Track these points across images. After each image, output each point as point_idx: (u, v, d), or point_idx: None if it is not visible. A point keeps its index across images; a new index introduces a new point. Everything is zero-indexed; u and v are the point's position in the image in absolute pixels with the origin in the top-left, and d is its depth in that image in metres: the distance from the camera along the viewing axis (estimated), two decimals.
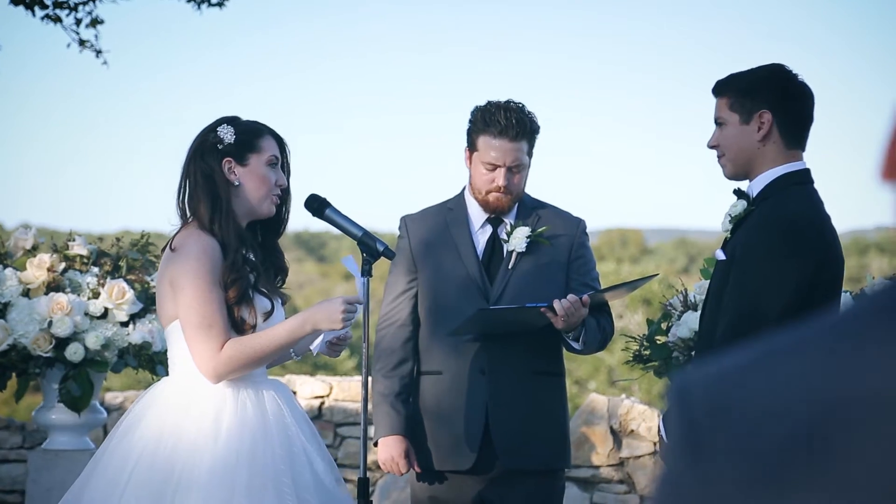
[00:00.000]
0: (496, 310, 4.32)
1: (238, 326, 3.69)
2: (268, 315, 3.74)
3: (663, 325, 4.77)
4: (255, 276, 3.75)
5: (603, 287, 4.51)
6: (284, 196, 3.89)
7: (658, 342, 4.74)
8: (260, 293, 3.74)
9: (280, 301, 3.86)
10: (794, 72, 3.68)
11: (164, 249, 3.85)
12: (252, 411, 3.68)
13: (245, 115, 3.91)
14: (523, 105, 4.46)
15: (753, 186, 3.65)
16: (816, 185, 3.68)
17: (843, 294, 4.52)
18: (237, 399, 3.69)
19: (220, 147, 3.77)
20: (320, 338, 3.77)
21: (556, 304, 4.18)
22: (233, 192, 3.76)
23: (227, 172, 3.76)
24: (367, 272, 3.88)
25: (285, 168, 3.89)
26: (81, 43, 7.59)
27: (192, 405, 3.66)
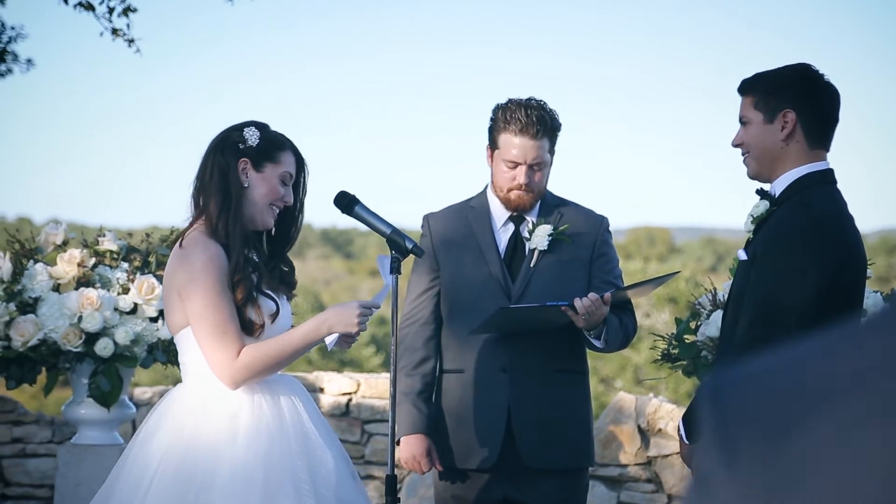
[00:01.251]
0: (517, 308, 4.31)
1: (248, 328, 3.70)
2: (274, 317, 3.75)
3: (692, 325, 4.76)
4: (258, 277, 3.76)
5: (625, 285, 4.49)
6: (294, 215, 3.90)
7: (687, 341, 4.73)
8: (264, 294, 3.75)
9: (285, 299, 3.87)
10: (820, 72, 3.66)
11: (172, 245, 3.86)
12: (268, 411, 3.70)
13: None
14: (544, 103, 4.45)
15: (776, 186, 3.64)
16: (845, 184, 3.67)
17: (873, 294, 4.50)
18: (252, 400, 3.70)
19: (241, 147, 3.79)
20: (334, 336, 3.78)
21: (577, 302, 4.17)
22: (242, 193, 3.77)
23: (241, 172, 3.77)
24: (395, 269, 3.89)
25: (300, 188, 3.90)
26: (114, 32, 7.61)
27: (209, 409, 3.68)
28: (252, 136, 3.80)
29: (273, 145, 3.82)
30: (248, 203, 3.79)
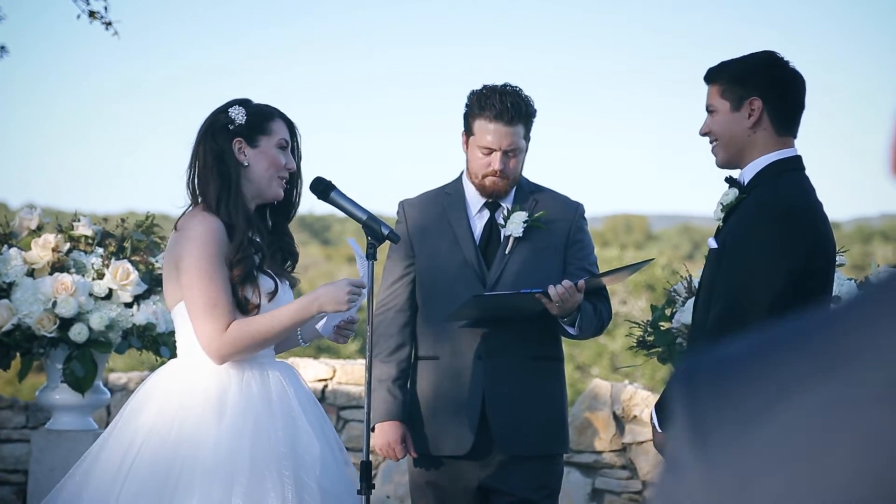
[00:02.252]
0: (491, 295, 4.32)
1: (242, 307, 3.71)
2: (272, 295, 3.75)
3: (667, 312, 4.77)
4: (261, 258, 3.76)
5: (600, 272, 4.50)
6: (294, 180, 3.91)
7: (662, 328, 4.74)
8: (265, 273, 3.75)
9: (288, 284, 3.87)
10: (785, 59, 3.68)
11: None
12: (257, 391, 3.70)
13: (254, 96, 3.92)
14: (519, 89, 4.45)
15: (745, 174, 3.66)
16: (820, 173, 3.70)
17: (847, 282, 4.52)
18: (242, 379, 3.70)
19: (230, 128, 3.79)
20: (325, 319, 3.77)
21: (551, 289, 4.18)
22: (242, 174, 3.78)
23: (237, 153, 3.78)
24: (371, 255, 3.89)
25: (296, 152, 3.91)
26: (91, 14, 7.56)
27: (198, 385, 3.69)
28: (238, 114, 3.80)
29: (261, 117, 3.82)
30: (251, 181, 3.79)
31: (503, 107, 4.37)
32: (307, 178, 3.99)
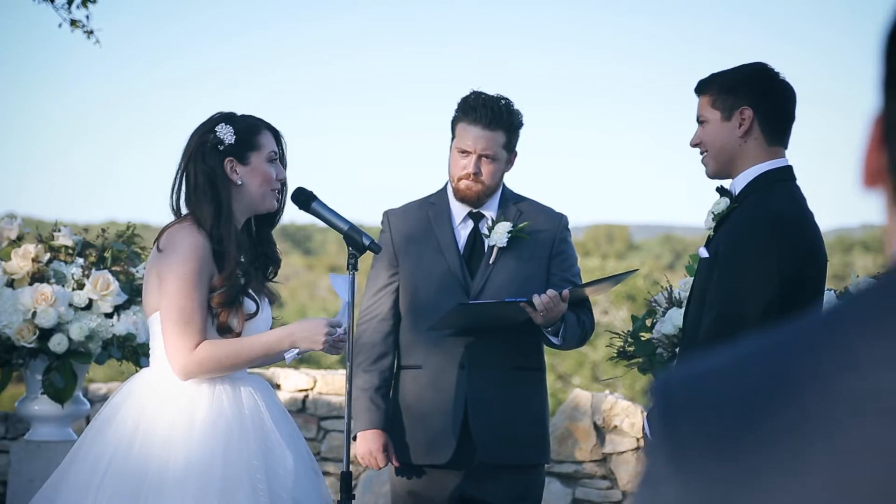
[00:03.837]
0: (475, 304, 4.32)
1: (224, 331, 3.70)
2: (250, 317, 3.74)
3: (648, 322, 4.77)
4: (245, 280, 3.76)
5: (583, 282, 4.51)
6: (282, 188, 3.90)
7: (642, 338, 4.74)
8: (248, 296, 3.75)
9: (267, 301, 3.87)
10: (775, 70, 3.70)
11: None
12: (228, 405, 3.69)
13: (236, 104, 3.92)
14: (508, 99, 4.46)
15: (736, 184, 3.67)
16: (802, 183, 3.69)
17: (827, 292, 4.53)
18: (213, 393, 3.69)
19: (220, 148, 3.77)
20: (294, 351, 3.77)
21: (536, 298, 4.18)
22: (234, 192, 3.77)
23: (230, 172, 3.77)
24: (352, 266, 3.89)
25: (282, 160, 3.90)
26: (73, 23, 7.54)
27: (169, 397, 3.68)
28: (227, 133, 3.78)
29: (250, 133, 3.81)
30: (244, 197, 3.79)
31: (484, 111, 4.38)
32: (289, 187, 3.99)
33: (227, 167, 3.77)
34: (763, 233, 3.49)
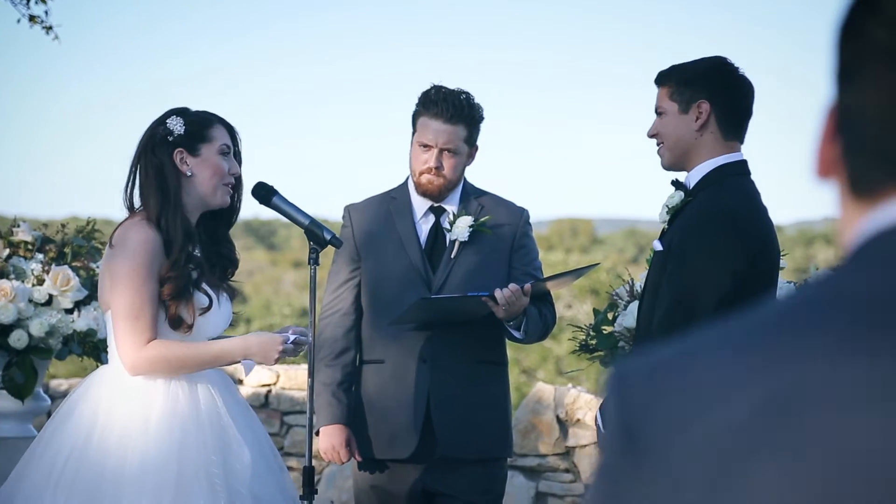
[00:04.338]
0: (437, 299, 4.32)
1: (175, 324, 3.68)
2: (204, 311, 3.73)
3: (610, 315, 4.78)
4: (199, 273, 3.74)
5: (545, 276, 4.52)
6: (237, 185, 3.88)
7: (604, 332, 4.75)
8: (200, 290, 3.73)
9: (226, 296, 3.85)
10: (734, 64, 3.72)
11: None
12: (184, 401, 3.68)
13: (196, 101, 3.91)
14: (468, 93, 4.46)
15: (691, 177, 3.69)
16: (764, 175, 3.72)
17: (787, 285, 4.56)
18: (168, 389, 3.69)
19: (170, 139, 3.76)
20: (250, 363, 3.78)
21: (498, 292, 4.19)
22: (184, 184, 3.75)
23: (179, 163, 3.75)
24: (314, 260, 3.89)
25: (237, 156, 3.88)
26: (31, 19, 7.49)
27: (126, 394, 3.67)
28: (177, 124, 3.76)
29: (200, 125, 3.79)
30: (194, 190, 3.76)
31: (445, 105, 4.38)
32: (249, 183, 3.97)
33: (176, 158, 3.75)
34: (717, 227, 3.52)
